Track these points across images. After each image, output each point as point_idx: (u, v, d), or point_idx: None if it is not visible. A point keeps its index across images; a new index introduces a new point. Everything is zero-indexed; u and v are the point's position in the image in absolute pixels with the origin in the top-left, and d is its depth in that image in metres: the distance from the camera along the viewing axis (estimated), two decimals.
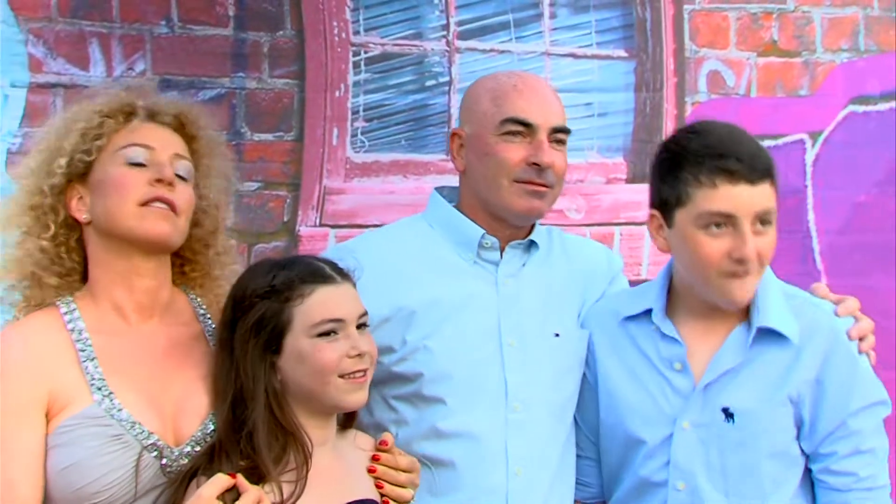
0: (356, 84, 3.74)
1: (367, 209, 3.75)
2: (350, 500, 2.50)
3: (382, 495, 2.59)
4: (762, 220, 2.68)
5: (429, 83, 3.85)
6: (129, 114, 2.58)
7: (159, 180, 2.51)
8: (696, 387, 2.72)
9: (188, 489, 2.41)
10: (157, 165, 2.53)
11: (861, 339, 2.77)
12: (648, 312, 2.81)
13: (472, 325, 2.83)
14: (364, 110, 3.77)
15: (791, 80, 4.18)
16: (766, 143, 4.03)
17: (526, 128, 2.82)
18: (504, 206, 2.84)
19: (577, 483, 2.94)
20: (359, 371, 2.48)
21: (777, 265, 3.89)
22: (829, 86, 4.21)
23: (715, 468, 2.71)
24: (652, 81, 4.07)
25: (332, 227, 3.73)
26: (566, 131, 2.88)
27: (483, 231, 2.87)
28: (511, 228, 2.89)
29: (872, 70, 4.23)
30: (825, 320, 2.77)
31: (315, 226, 3.71)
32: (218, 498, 2.34)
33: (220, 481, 2.35)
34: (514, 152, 2.81)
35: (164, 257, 2.59)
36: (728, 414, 2.70)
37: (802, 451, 2.74)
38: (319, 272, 2.51)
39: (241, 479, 2.36)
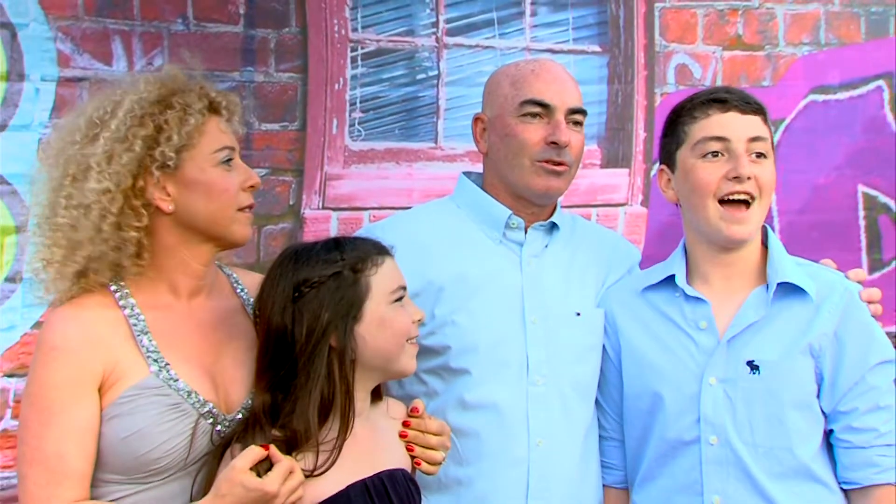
0: (353, 78, 3.87)
1: (365, 193, 3.90)
2: (381, 470, 2.54)
3: (413, 458, 2.64)
4: (758, 152, 2.77)
5: (419, 77, 3.98)
6: (211, 107, 2.59)
7: (252, 186, 2.60)
8: (721, 341, 2.78)
9: (223, 458, 2.46)
10: (241, 168, 2.60)
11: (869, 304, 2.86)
12: (669, 281, 2.88)
13: (497, 301, 2.90)
14: (361, 102, 3.91)
15: (754, 72, 4.34)
16: None
17: (544, 109, 2.90)
18: (525, 185, 2.92)
19: (603, 467, 2.98)
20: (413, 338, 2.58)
21: None
22: (791, 77, 4.36)
23: (743, 421, 2.76)
24: (624, 74, 4.22)
25: (334, 209, 3.86)
26: (583, 112, 2.96)
27: (510, 212, 2.95)
28: (533, 208, 2.97)
29: (832, 62, 4.40)
30: (839, 281, 2.85)
31: (318, 209, 3.86)
32: (251, 469, 2.37)
33: (254, 453, 2.37)
34: (534, 132, 2.89)
35: None
36: (753, 366, 2.75)
37: (822, 412, 2.79)
38: (382, 246, 2.59)
39: (273, 449, 2.39)
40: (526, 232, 2.97)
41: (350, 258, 2.52)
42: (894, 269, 4.36)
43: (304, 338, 2.47)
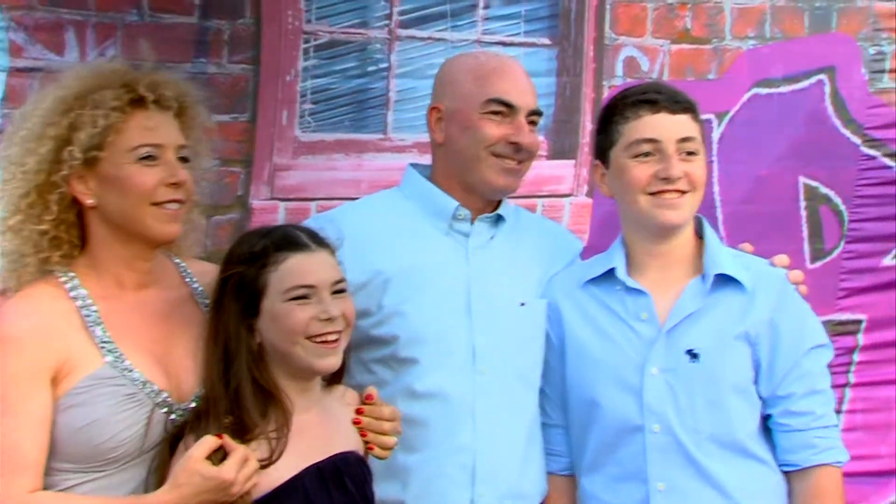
0: (305, 69, 3.86)
1: (313, 184, 3.89)
2: (334, 453, 2.58)
3: (367, 443, 2.68)
4: (688, 151, 2.83)
5: (370, 68, 3.98)
6: (135, 101, 2.58)
7: (175, 184, 2.57)
8: (661, 331, 2.83)
9: (177, 448, 2.49)
10: (167, 163, 2.57)
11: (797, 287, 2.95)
12: (610, 273, 2.92)
13: (443, 291, 2.93)
14: (311, 93, 3.89)
15: (700, 64, 4.35)
16: None
17: (508, 108, 2.95)
18: (481, 179, 2.96)
19: (548, 454, 3.02)
20: (329, 334, 2.55)
21: None
22: (736, 70, 4.36)
23: (684, 408, 2.81)
24: (572, 67, 4.23)
25: (282, 200, 3.86)
26: (540, 114, 3.04)
27: (457, 203, 2.97)
28: (482, 202, 3.00)
29: (776, 56, 4.39)
30: (770, 270, 2.94)
31: (266, 199, 3.86)
32: (206, 458, 2.41)
33: (209, 442, 2.41)
34: (496, 129, 2.93)
35: None
36: (692, 355, 2.82)
37: (760, 397, 2.85)
38: (294, 240, 2.59)
39: (227, 439, 2.43)
40: (472, 223, 3.00)
41: (258, 252, 2.56)
42: (836, 257, 4.40)
43: (227, 331, 2.54)
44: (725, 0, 4.39)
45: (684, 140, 2.85)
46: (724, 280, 2.86)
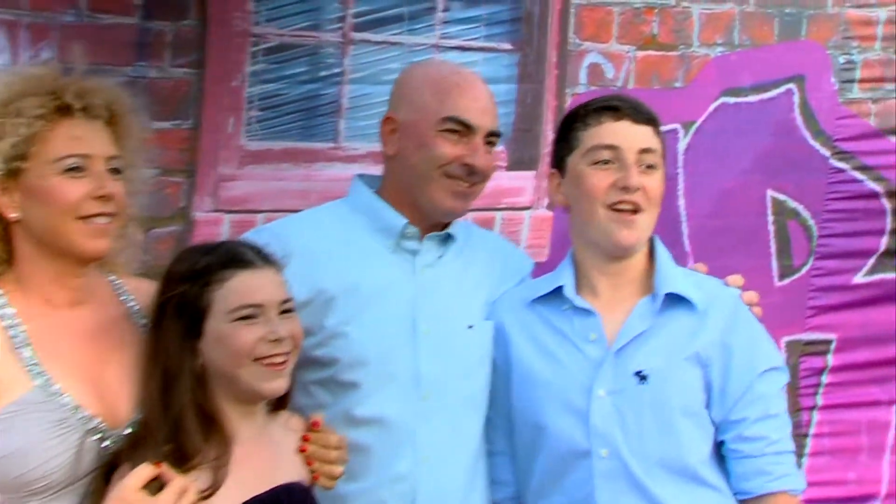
0: (253, 74, 3.77)
1: (260, 195, 3.80)
2: (278, 484, 2.52)
3: (313, 472, 2.63)
4: (648, 164, 2.81)
5: (322, 74, 3.89)
6: (62, 109, 2.50)
7: (102, 196, 2.48)
8: (609, 351, 2.80)
9: (112, 478, 2.41)
10: (95, 175, 2.49)
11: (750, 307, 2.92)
12: (558, 292, 2.88)
13: (388, 312, 2.88)
14: (259, 99, 3.79)
15: (667, 72, 4.30)
16: None
17: (465, 128, 2.89)
18: (430, 199, 2.90)
19: (493, 483, 2.98)
20: (277, 355, 2.50)
21: None
22: (703, 78, 4.33)
23: (633, 432, 2.77)
24: (534, 73, 4.16)
25: (227, 212, 3.76)
26: (498, 135, 2.98)
27: (406, 220, 2.92)
28: (431, 220, 2.95)
29: (745, 63, 4.37)
30: (723, 290, 2.91)
31: (210, 211, 3.75)
32: (143, 488, 2.35)
33: (145, 471, 2.36)
34: (451, 149, 2.88)
35: None
36: (641, 377, 2.77)
37: (712, 421, 2.81)
38: (239, 257, 2.53)
39: (165, 468, 2.38)
40: (421, 241, 2.95)
41: (201, 269, 2.51)
42: (805, 274, 4.40)
43: (167, 353, 2.48)
44: (693, 5, 4.35)
45: (645, 151, 2.83)
46: (676, 300, 2.83)
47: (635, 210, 2.80)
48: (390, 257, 2.94)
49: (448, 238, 2.99)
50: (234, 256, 2.54)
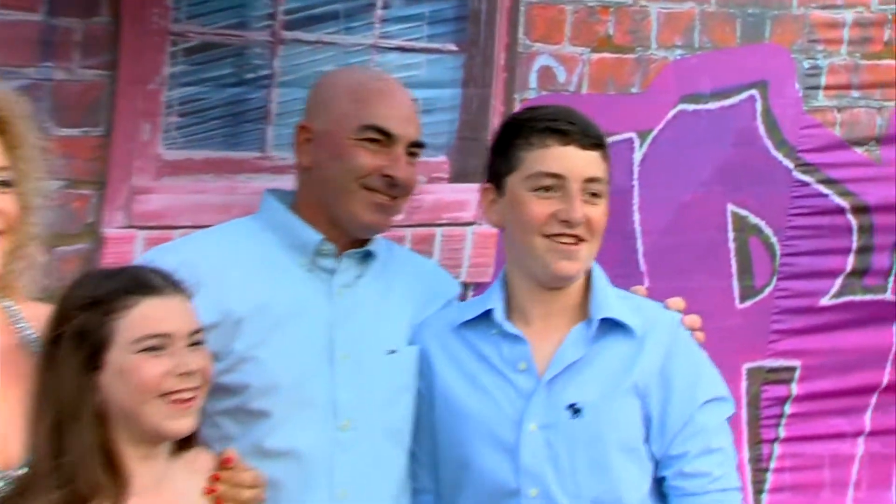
0: (172, 76, 3.64)
1: (178, 210, 3.66)
2: None
3: None
4: (593, 192, 2.75)
5: (248, 76, 3.78)
6: None
7: None
8: (540, 382, 2.73)
9: None
10: None
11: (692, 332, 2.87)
12: (486, 316, 2.81)
13: (303, 335, 2.81)
14: (178, 104, 3.66)
15: (623, 76, 4.21)
16: None
17: (385, 137, 2.83)
18: (349, 214, 2.83)
19: None
20: (185, 391, 2.41)
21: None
22: (661, 83, 4.24)
23: (565, 470, 2.72)
24: (481, 77, 4.06)
25: (140, 228, 3.63)
26: (422, 146, 2.92)
27: (321, 237, 2.85)
28: (349, 236, 2.88)
29: (705, 67, 4.28)
30: (663, 314, 2.85)
31: (121, 227, 3.61)
32: None
33: None
34: (370, 159, 2.81)
35: None
36: (575, 410, 2.71)
37: (652, 456, 2.75)
38: (146, 283, 2.44)
39: None
40: (338, 260, 2.87)
41: (103, 296, 2.41)
42: (768, 296, 4.33)
43: (62, 388, 2.38)
44: (651, 4, 4.26)
45: (591, 180, 2.75)
46: (612, 325, 2.77)
47: (578, 241, 2.75)
48: (305, 276, 2.85)
49: (368, 256, 2.91)
50: (140, 282, 2.44)
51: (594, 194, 2.74)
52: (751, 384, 4.27)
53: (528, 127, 2.80)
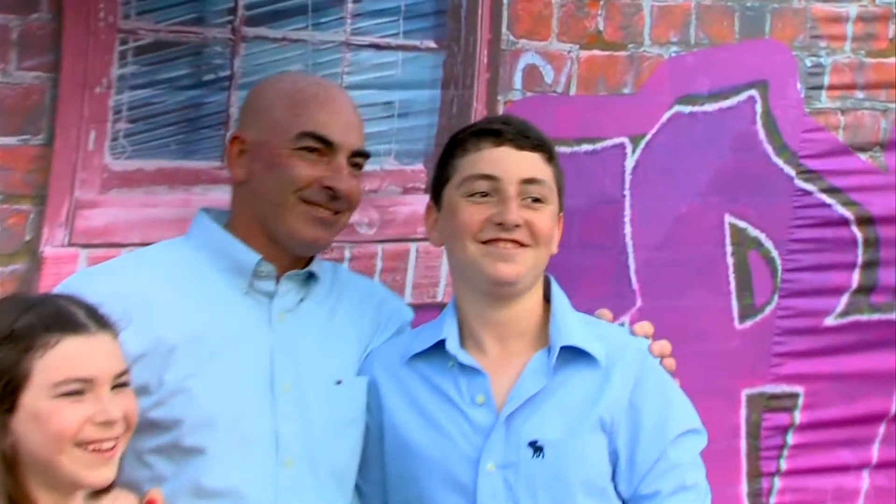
0: (121, 78, 3.49)
1: (126, 226, 3.53)
2: None
3: None
4: (534, 196, 2.69)
5: (206, 78, 3.63)
6: None
7: None
8: (498, 418, 2.66)
9: None
10: None
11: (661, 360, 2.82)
12: (439, 346, 2.74)
13: (241, 365, 2.73)
14: (128, 110, 3.52)
15: (614, 76, 4.09)
16: (583, 148, 3.97)
17: (325, 146, 2.77)
18: (287, 230, 2.76)
19: None
20: (106, 440, 2.32)
21: (588, 285, 3.84)
22: (655, 83, 4.13)
23: None
24: (462, 77, 3.94)
25: (84, 246, 3.49)
26: (366, 156, 2.86)
27: (259, 257, 2.77)
28: (290, 256, 2.81)
29: (702, 66, 4.18)
30: (630, 341, 2.79)
31: (63, 245, 3.46)
32: None
33: None
34: (308, 170, 2.75)
35: None
36: (536, 448, 2.65)
37: (619, 495, 2.69)
38: (69, 319, 2.35)
39: None
40: (278, 282, 2.80)
41: (20, 331, 2.32)
42: (769, 315, 4.22)
43: None
44: None
45: (530, 182, 2.68)
46: (575, 354, 2.69)
47: (518, 245, 2.69)
48: (242, 301, 2.78)
49: (310, 278, 2.83)
50: (63, 318, 2.34)
51: (536, 199, 2.68)
52: (750, 412, 4.20)
53: (462, 136, 2.78)
